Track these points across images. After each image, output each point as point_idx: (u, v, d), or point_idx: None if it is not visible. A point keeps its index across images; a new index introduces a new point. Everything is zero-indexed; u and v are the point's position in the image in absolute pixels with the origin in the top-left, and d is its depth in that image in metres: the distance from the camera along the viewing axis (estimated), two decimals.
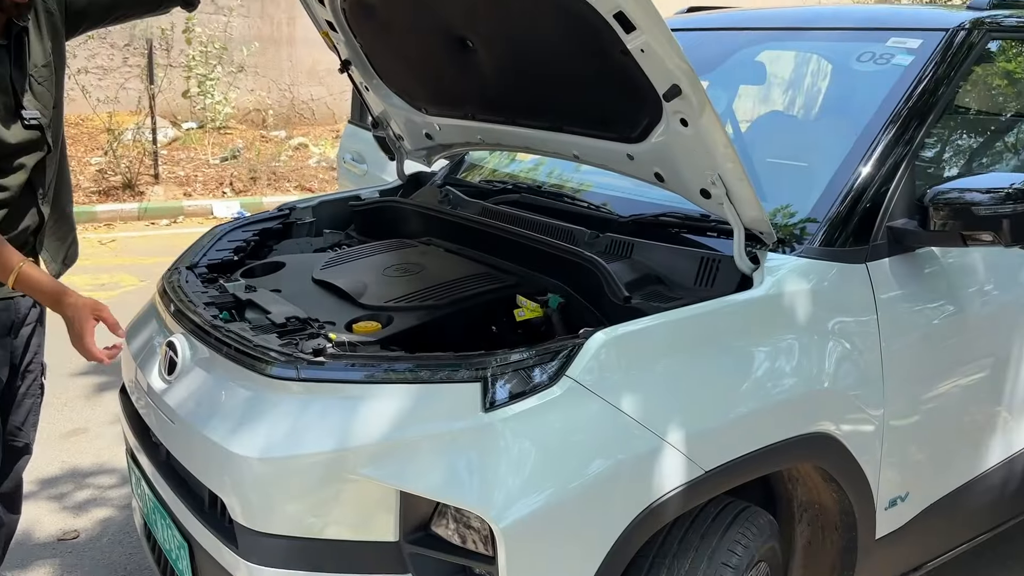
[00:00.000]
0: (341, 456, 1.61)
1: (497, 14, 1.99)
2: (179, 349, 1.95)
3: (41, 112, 2.06)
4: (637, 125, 1.95)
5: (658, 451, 1.64)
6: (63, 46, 2.16)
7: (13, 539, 2.40)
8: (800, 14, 2.67)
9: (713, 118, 1.72)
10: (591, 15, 1.70)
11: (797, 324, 1.87)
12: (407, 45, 2.42)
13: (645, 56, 1.71)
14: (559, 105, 2.17)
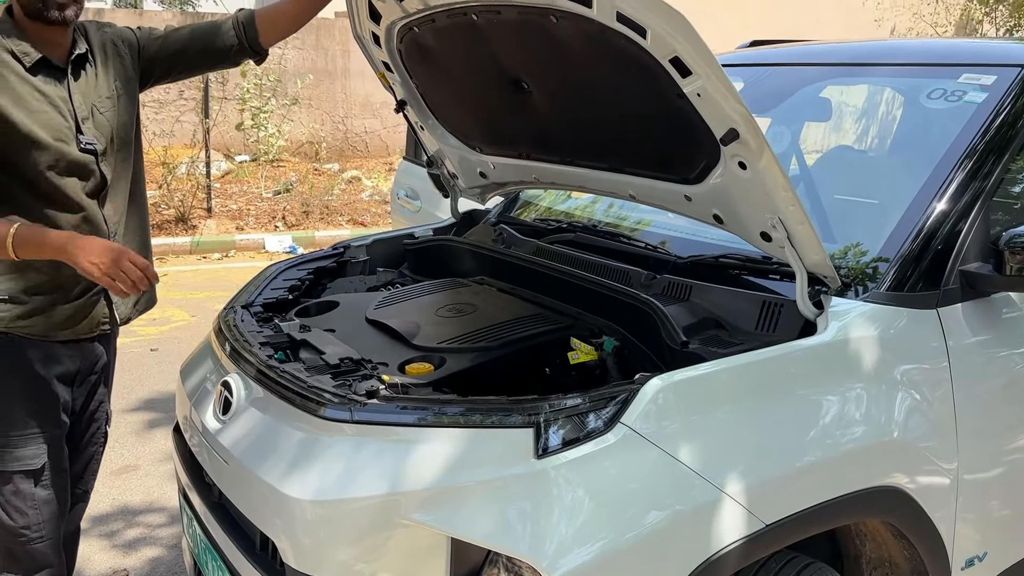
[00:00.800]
0: (393, 500, 1.58)
1: (552, 57, 1.98)
2: (234, 389, 1.96)
3: (98, 139, 2.06)
4: (694, 167, 1.91)
5: (717, 503, 1.58)
6: (134, 91, 2.18)
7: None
8: (867, 49, 2.62)
9: (772, 161, 1.68)
10: (647, 60, 1.68)
11: (864, 372, 1.80)
12: (462, 86, 2.42)
13: (702, 100, 1.68)
14: (615, 146, 2.15)
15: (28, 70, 1.94)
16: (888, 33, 14.58)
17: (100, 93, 2.07)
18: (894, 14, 14.27)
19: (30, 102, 1.93)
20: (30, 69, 1.94)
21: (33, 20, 1.95)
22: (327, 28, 11.59)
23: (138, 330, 5.67)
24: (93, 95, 2.05)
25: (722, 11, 13.38)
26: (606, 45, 1.75)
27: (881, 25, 14.27)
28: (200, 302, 6.46)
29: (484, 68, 2.23)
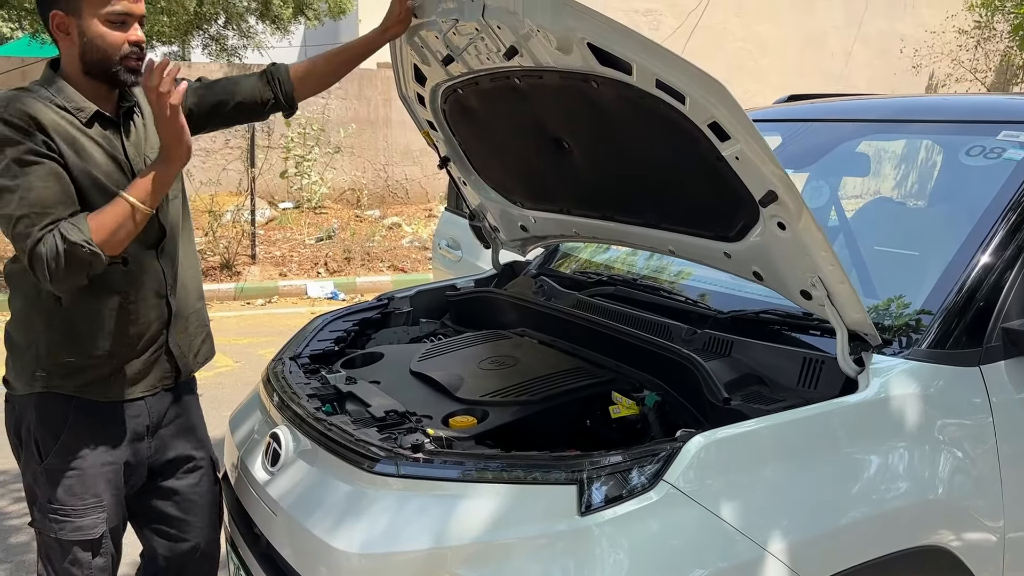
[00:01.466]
0: (438, 555, 1.61)
1: (592, 119, 2.04)
2: (283, 441, 2.01)
3: None
4: (734, 225, 1.95)
5: (760, 561, 1.59)
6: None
7: None
8: (905, 105, 2.65)
9: (811, 222, 1.71)
10: (686, 124, 1.73)
11: (906, 430, 1.80)
12: (504, 144, 2.49)
13: (740, 163, 1.72)
14: (655, 204, 2.19)
15: (84, 123, 1.95)
16: (927, 79, 14.55)
17: (151, 145, 2.07)
18: (932, 60, 14.25)
19: (92, 154, 1.94)
20: (86, 123, 1.95)
21: (94, 79, 1.97)
22: (369, 78, 11.87)
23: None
24: (145, 147, 2.07)
25: (757, 55, 13.48)
26: (646, 109, 1.81)
27: (919, 72, 14.25)
28: (244, 348, 6.58)
29: (526, 128, 2.30)
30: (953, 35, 13.98)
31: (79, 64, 1.95)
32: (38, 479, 2.02)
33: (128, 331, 2.03)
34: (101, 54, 1.93)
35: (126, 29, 1.94)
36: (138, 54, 1.95)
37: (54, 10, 1.92)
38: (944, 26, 13.97)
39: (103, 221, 1.86)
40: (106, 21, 1.91)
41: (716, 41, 13.19)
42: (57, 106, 1.92)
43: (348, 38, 11.59)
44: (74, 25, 1.92)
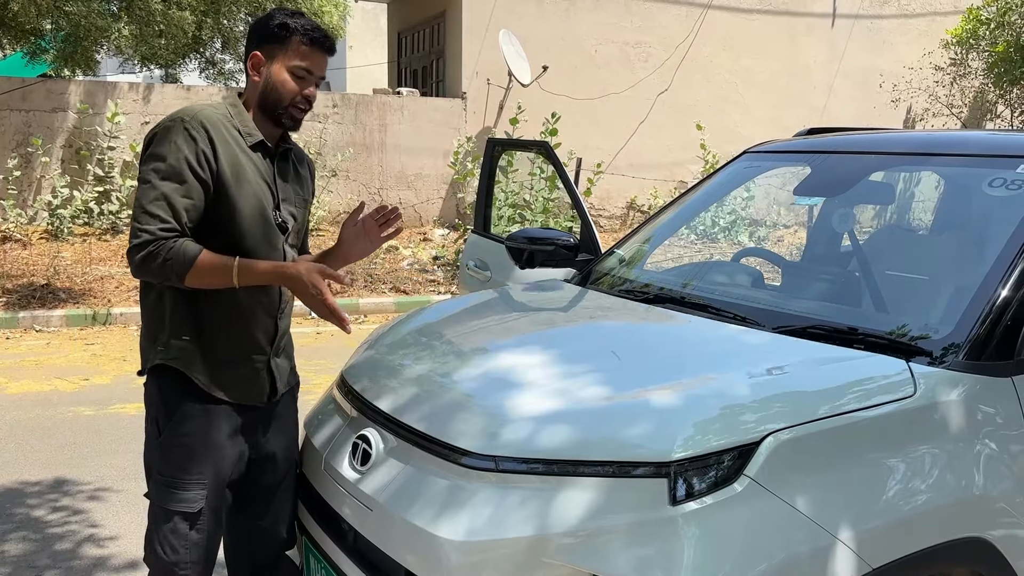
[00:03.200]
0: (539, 542, 1.77)
1: None
2: (372, 441, 2.16)
3: (288, 221, 2.32)
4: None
5: (831, 547, 1.77)
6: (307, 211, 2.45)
7: None
8: (927, 139, 2.87)
9: None
10: None
11: (950, 431, 2.00)
12: None
13: None
14: None
15: (250, 147, 2.24)
16: (904, 112, 15.00)
17: (295, 188, 2.37)
18: (910, 95, 14.70)
19: (247, 172, 2.21)
20: (251, 147, 2.24)
21: (265, 114, 2.26)
22: (366, 104, 12.06)
23: None
24: (291, 185, 2.35)
25: (743, 88, 13.84)
26: None
27: (898, 106, 14.70)
28: None
29: None
30: (930, 71, 14.45)
31: (257, 99, 2.26)
32: (154, 453, 2.24)
33: (240, 335, 2.25)
34: (277, 96, 2.24)
35: (304, 84, 2.25)
36: (305, 107, 2.27)
37: (255, 51, 2.25)
38: (921, 62, 14.44)
39: (206, 265, 2.09)
40: (291, 72, 2.24)
41: (704, 73, 13.55)
42: (232, 125, 2.22)
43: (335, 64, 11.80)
44: (266, 67, 2.24)
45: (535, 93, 12.18)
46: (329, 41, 2.26)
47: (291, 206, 2.34)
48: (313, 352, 7.22)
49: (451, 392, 2.21)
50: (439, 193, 12.44)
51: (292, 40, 2.22)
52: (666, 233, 3.45)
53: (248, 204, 2.20)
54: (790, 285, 3.02)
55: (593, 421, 1.94)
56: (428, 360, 2.50)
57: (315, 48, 2.24)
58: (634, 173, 12.93)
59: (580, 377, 2.17)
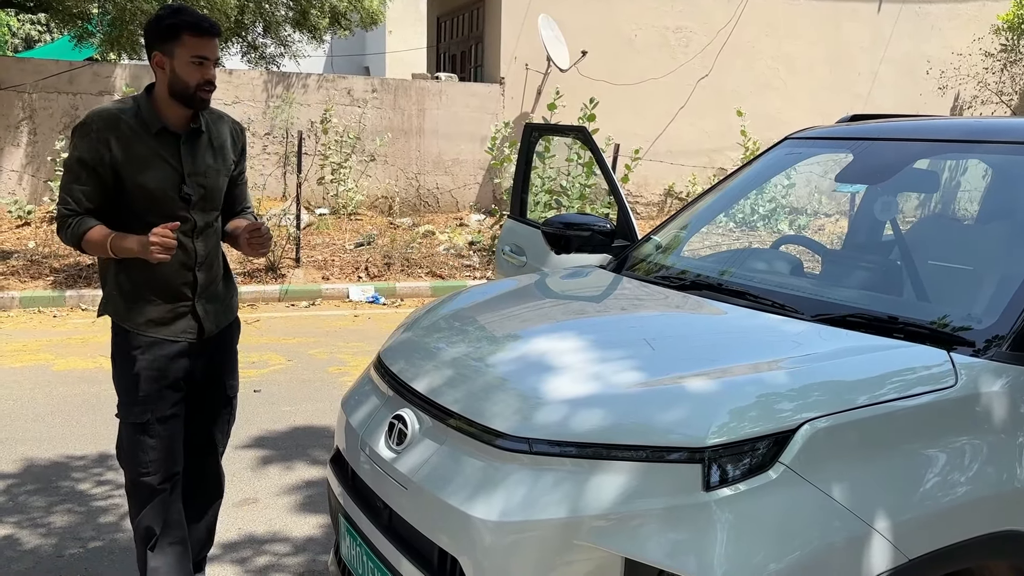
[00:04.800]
0: (572, 523, 1.79)
1: None
2: (408, 422, 2.18)
3: (195, 192, 2.69)
4: None
5: (867, 537, 1.76)
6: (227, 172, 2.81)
7: None
8: (972, 126, 2.81)
9: None
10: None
11: (991, 424, 1.97)
12: None
13: None
14: None
15: (153, 136, 2.62)
16: (952, 100, 14.69)
17: (205, 160, 2.73)
18: (958, 82, 14.39)
19: (148, 161, 2.61)
20: (155, 135, 2.62)
21: (176, 100, 2.62)
22: (404, 89, 12.10)
23: (240, 372, 5.97)
24: (200, 160, 2.71)
25: (785, 74, 13.65)
26: None
27: (945, 93, 14.40)
28: (294, 347, 6.77)
29: None
30: (979, 57, 14.12)
31: (167, 90, 2.62)
32: (115, 380, 2.76)
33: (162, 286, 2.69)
34: (183, 85, 2.60)
35: (204, 69, 2.61)
36: (209, 88, 2.63)
37: (155, 52, 2.60)
38: (971, 48, 14.12)
39: (91, 241, 2.60)
40: (189, 63, 2.58)
41: (745, 59, 13.38)
42: (133, 118, 2.61)
43: (374, 49, 11.99)
44: (167, 63, 2.59)
45: (573, 78, 12.12)
46: (214, 27, 2.61)
47: (201, 177, 2.71)
48: (350, 334, 7.30)
49: (486, 375, 2.22)
50: (476, 179, 12.45)
51: (182, 36, 2.56)
52: (704, 220, 3.42)
53: (150, 184, 2.61)
54: (830, 273, 2.99)
55: (628, 406, 1.94)
56: (464, 343, 2.51)
57: (203, 37, 2.58)
58: (672, 160, 12.83)
59: (615, 362, 2.16)
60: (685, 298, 2.66)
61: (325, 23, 13.57)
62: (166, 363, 2.71)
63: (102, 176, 2.59)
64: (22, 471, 4.21)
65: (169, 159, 2.64)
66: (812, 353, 2.11)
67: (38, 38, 26.92)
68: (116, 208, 2.64)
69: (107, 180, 2.60)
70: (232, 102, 11.31)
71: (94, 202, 2.62)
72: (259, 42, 13.83)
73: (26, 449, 4.47)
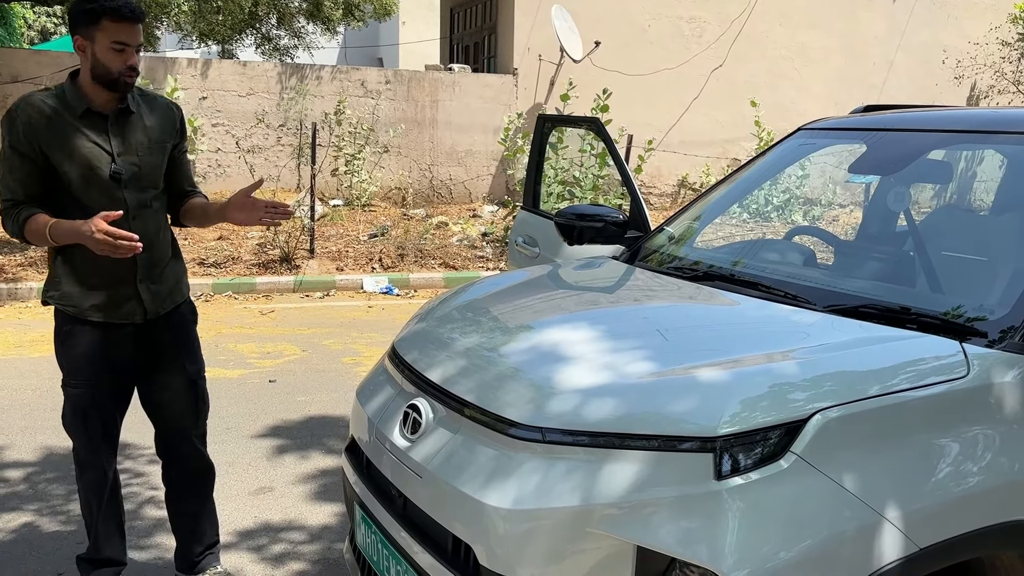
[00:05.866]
0: (584, 512, 1.80)
1: None
2: (423, 411, 2.21)
3: (126, 171, 2.68)
4: None
5: (878, 526, 1.77)
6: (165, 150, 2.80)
7: None
8: (987, 117, 2.79)
9: None
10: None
11: (1003, 414, 1.98)
12: None
13: None
14: None
15: (78, 118, 2.62)
16: (968, 90, 14.56)
17: (137, 139, 2.71)
18: (974, 71, 14.27)
19: (74, 142, 2.61)
20: (79, 117, 2.62)
21: (99, 84, 2.60)
22: (418, 80, 12.11)
23: (255, 362, 6.03)
24: (130, 139, 2.69)
25: (799, 64, 13.58)
26: None
27: (961, 83, 14.28)
28: (308, 337, 6.81)
29: None
30: (996, 46, 14.00)
31: (90, 74, 2.60)
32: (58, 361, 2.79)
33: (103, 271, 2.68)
34: (105, 70, 2.58)
35: (125, 55, 2.58)
36: (132, 75, 2.62)
37: (76, 35, 2.56)
38: (987, 37, 13.99)
39: (32, 228, 2.60)
40: (110, 48, 2.55)
41: (759, 49, 13.31)
42: (57, 102, 2.61)
43: (387, 40, 12.01)
44: (88, 47, 2.56)
45: (587, 69, 12.10)
46: (134, 12, 2.56)
47: (132, 156, 2.70)
48: (364, 325, 7.34)
49: (500, 365, 2.24)
50: (489, 170, 12.46)
51: (102, 21, 2.52)
52: (718, 211, 3.43)
53: (78, 164, 2.61)
54: (843, 264, 2.99)
55: (640, 395, 1.95)
56: (477, 334, 2.53)
57: (123, 22, 2.54)
58: (686, 150, 12.79)
59: (627, 353, 2.18)
60: (698, 289, 2.67)
61: (339, 14, 13.60)
62: (108, 346, 2.74)
63: (35, 161, 2.59)
64: (42, 459, 4.27)
65: (96, 140, 2.63)
66: (824, 343, 2.12)
67: (53, 30, 27.10)
68: (52, 193, 2.64)
69: (39, 165, 2.60)
70: (246, 94, 11.36)
71: (30, 189, 2.62)
72: (273, 34, 13.89)
73: (46, 438, 4.53)
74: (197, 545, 3.05)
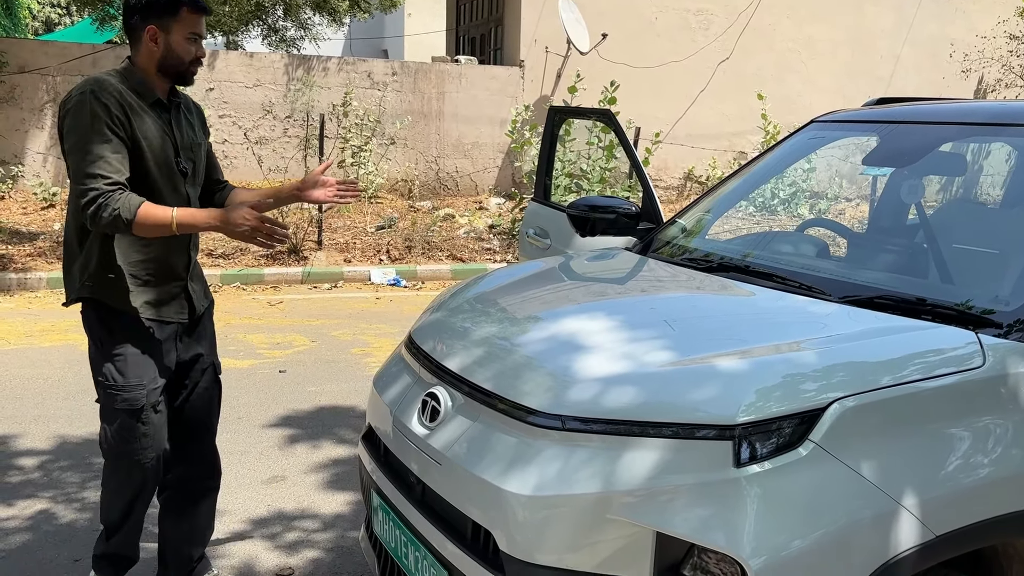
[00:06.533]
0: (605, 498, 1.83)
1: None
2: (441, 399, 2.23)
3: (188, 166, 2.68)
4: None
5: (894, 513, 1.79)
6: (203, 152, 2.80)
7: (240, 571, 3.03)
8: (999, 110, 2.80)
9: None
10: None
11: (1018, 404, 1.99)
12: None
13: None
14: None
15: (149, 106, 2.58)
16: (975, 83, 14.53)
17: (189, 134, 2.72)
18: (982, 64, 14.23)
19: (155, 131, 2.57)
20: (151, 106, 2.58)
21: (164, 75, 2.60)
22: (424, 72, 12.11)
23: (265, 353, 6.06)
24: (186, 134, 2.70)
25: (806, 57, 13.55)
26: None
27: (968, 76, 14.24)
28: (317, 328, 6.84)
29: None
30: (1004, 40, 13.95)
31: (155, 65, 2.59)
32: (99, 365, 2.64)
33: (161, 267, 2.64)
34: (177, 60, 2.60)
35: (197, 46, 2.63)
36: (199, 65, 2.66)
37: (150, 25, 2.55)
38: (995, 31, 13.95)
39: (148, 215, 2.46)
40: (186, 39, 2.59)
41: (766, 42, 13.29)
42: (129, 89, 2.55)
43: (393, 32, 11.95)
44: (162, 37, 2.57)
45: (594, 61, 12.09)
46: (207, 6, 2.63)
47: (190, 152, 2.70)
48: (373, 316, 7.37)
49: (517, 354, 2.26)
50: (495, 162, 12.47)
51: (182, 11, 2.55)
52: (730, 203, 3.44)
53: (156, 156, 2.57)
54: (856, 256, 3.01)
55: (659, 384, 1.97)
56: (494, 323, 2.56)
57: (200, 14, 2.60)
58: (693, 143, 12.79)
59: (644, 342, 2.20)
60: (713, 280, 2.69)
61: (345, 6, 13.61)
62: (159, 346, 2.66)
63: (126, 144, 2.49)
64: (56, 448, 4.31)
65: (166, 131, 2.61)
66: (840, 334, 2.13)
67: (58, 21, 27.09)
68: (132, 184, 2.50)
69: (129, 149, 2.50)
70: (253, 85, 11.37)
71: (128, 172, 2.48)
72: (279, 25, 13.89)
73: (59, 427, 4.56)
74: (197, 548, 2.98)
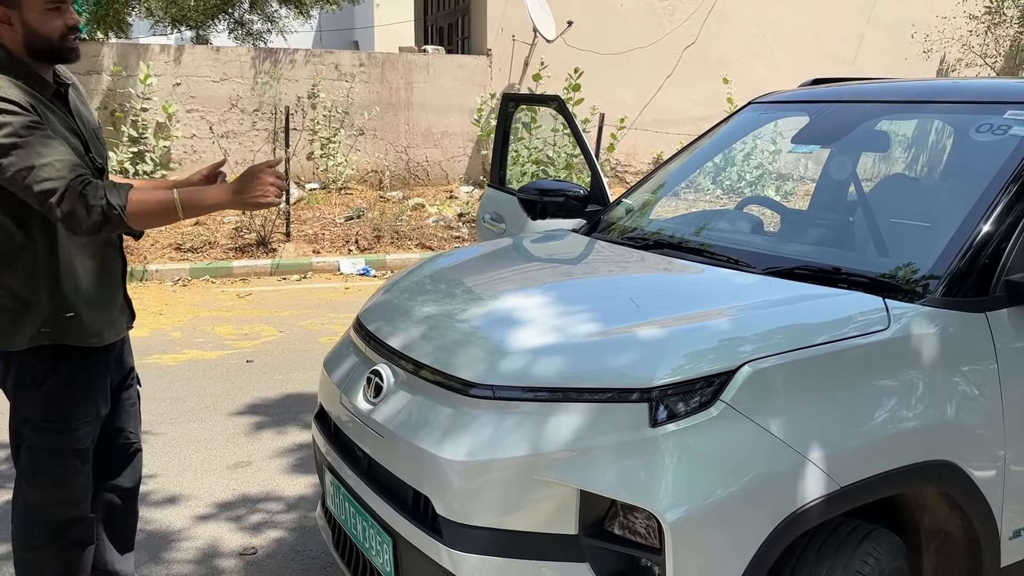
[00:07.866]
0: (532, 461, 1.94)
1: None
2: (384, 376, 2.34)
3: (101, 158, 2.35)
4: None
5: (801, 467, 1.92)
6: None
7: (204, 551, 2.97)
8: (921, 87, 2.95)
9: None
10: None
11: (922, 363, 2.13)
12: None
13: None
14: None
15: (50, 99, 2.18)
16: (937, 63, 14.75)
17: (90, 119, 2.36)
18: (943, 45, 14.44)
19: (62, 130, 2.17)
20: (51, 98, 2.19)
21: (38, 59, 2.17)
22: (391, 62, 12.14)
23: (233, 344, 6.13)
24: (86, 122, 2.32)
25: (771, 40, 13.70)
26: None
27: (930, 56, 14.46)
28: (286, 319, 6.92)
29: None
30: (964, 20, 14.17)
31: (24, 48, 2.15)
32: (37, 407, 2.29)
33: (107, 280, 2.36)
34: (44, 38, 2.15)
35: (62, 14, 2.16)
36: (75, 35, 2.20)
37: None
38: (955, 11, 14.16)
39: (145, 200, 2.10)
40: (45, 11, 2.13)
41: (731, 27, 13.42)
42: (27, 84, 2.14)
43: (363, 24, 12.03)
44: (15, 15, 2.12)
45: (560, 49, 12.17)
46: None
47: (96, 142, 2.35)
48: (341, 306, 7.45)
49: (456, 330, 2.38)
50: (465, 151, 12.54)
51: None
52: (674, 183, 3.56)
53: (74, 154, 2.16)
54: (786, 231, 3.13)
55: (584, 353, 2.09)
56: (437, 303, 2.66)
57: None
58: (660, 128, 12.91)
59: (575, 316, 2.32)
60: (649, 257, 2.80)
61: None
62: (107, 370, 2.42)
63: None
64: None
65: (72, 126, 2.24)
66: (756, 302, 2.26)
67: None
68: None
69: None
70: (220, 79, 11.36)
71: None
72: (246, 18, 13.84)
73: None
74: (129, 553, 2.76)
